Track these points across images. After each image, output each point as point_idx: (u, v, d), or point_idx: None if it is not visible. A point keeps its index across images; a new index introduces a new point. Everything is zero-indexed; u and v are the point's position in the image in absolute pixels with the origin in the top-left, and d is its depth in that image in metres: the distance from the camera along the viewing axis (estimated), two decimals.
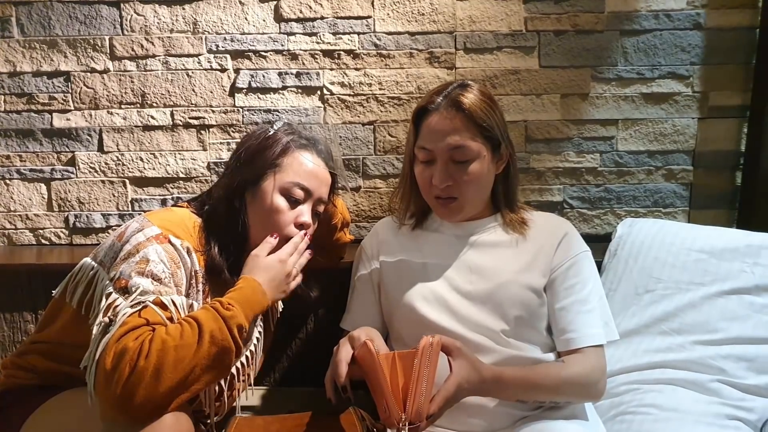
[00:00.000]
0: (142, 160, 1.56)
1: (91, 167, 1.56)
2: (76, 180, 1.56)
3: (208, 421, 1.12)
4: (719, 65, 1.54)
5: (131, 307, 0.88)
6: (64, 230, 1.58)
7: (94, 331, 0.89)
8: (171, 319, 0.90)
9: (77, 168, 1.56)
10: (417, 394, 0.86)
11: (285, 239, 1.06)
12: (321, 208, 1.13)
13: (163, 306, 0.90)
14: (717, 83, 1.54)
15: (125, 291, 0.90)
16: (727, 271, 1.30)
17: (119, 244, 0.97)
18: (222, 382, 1.08)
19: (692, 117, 1.56)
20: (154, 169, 1.56)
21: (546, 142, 1.57)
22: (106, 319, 0.88)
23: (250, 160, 1.07)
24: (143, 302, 0.88)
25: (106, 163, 1.56)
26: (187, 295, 0.97)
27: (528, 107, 1.55)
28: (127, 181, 1.57)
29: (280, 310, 1.30)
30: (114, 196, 1.57)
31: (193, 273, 0.99)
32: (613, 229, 1.49)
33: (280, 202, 1.05)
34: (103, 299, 0.90)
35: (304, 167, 1.07)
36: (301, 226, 1.07)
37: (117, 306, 0.88)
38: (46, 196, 1.57)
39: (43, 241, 1.58)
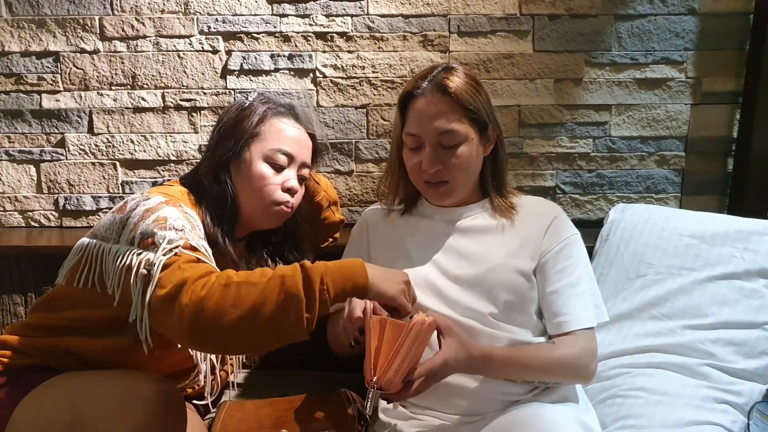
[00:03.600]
0: (132, 142, 1.55)
1: (81, 149, 1.54)
2: (65, 162, 1.55)
3: (200, 402, 1.12)
4: (713, 51, 1.53)
5: (164, 255, 0.87)
6: (53, 212, 1.57)
7: (134, 288, 0.87)
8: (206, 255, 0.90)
9: (67, 150, 1.54)
10: (390, 364, 0.88)
11: (276, 204, 1.07)
12: (305, 172, 1.14)
13: (192, 248, 0.90)
14: (710, 69, 1.54)
15: (153, 246, 0.89)
16: (717, 256, 1.31)
17: (123, 216, 0.96)
18: (213, 357, 1.08)
19: (685, 103, 1.56)
20: (144, 151, 1.55)
21: (539, 127, 1.56)
22: (144, 271, 0.87)
23: (230, 133, 1.08)
24: (176, 247, 0.88)
25: (96, 145, 1.54)
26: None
27: (521, 92, 1.55)
28: (117, 163, 1.55)
29: None
30: (104, 178, 1.55)
31: (206, 240, 0.99)
32: (605, 215, 1.50)
33: (264, 169, 1.06)
34: (133, 258, 0.89)
35: (284, 133, 1.08)
36: (288, 190, 1.08)
37: (149, 259, 0.88)
38: (35, 178, 1.55)
39: (33, 223, 1.57)
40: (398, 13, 1.51)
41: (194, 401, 1.13)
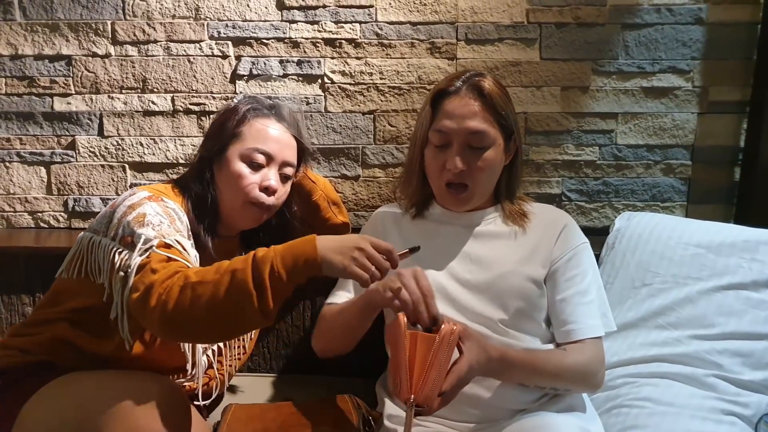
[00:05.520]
0: (142, 145, 1.56)
1: (91, 151, 1.56)
2: (75, 164, 1.56)
3: (199, 403, 1.12)
4: (720, 60, 1.53)
5: (140, 255, 0.92)
6: (63, 214, 1.58)
7: (115, 288, 0.94)
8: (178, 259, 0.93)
9: (77, 152, 1.56)
10: (428, 380, 0.86)
11: (253, 203, 1.09)
12: (289, 171, 1.15)
13: (167, 246, 0.93)
14: (717, 78, 1.54)
15: (131, 245, 0.94)
16: (724, 266, 1.30)
17: (112, 210, 1.01)
18: (209, 353, 1.10)
19: (692, 112, 1.56)
20: (153, 154, 1.56)
21: (545, 135, 1.57)
22: (122, 273, 0.93)
23: (214, 134, 1.13)
24: (149, 248, 0.92)
25: (106, 148, 1.56)
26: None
27: (528, 99, 1.55)
28: (126, 165, 1.57)
29: None
30: (113, 180, 1.57)
31: (188, 233, 1.03)
32: (611, 223, 1.49)
33: (241, 167, 1.09)
34: (115, 256, 0.95)
35: (263, 133, 1.11)
36: (266, 189, 1.10)
37: (127, 259, 0.93)
38: (45, 180, 1.57)
39: (42, 224, 1.58)
40: (406, 20, 1.52)
41: (195, 402, 1.14)
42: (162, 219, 0.97)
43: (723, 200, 1.59)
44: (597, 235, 1.45)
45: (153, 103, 1.54)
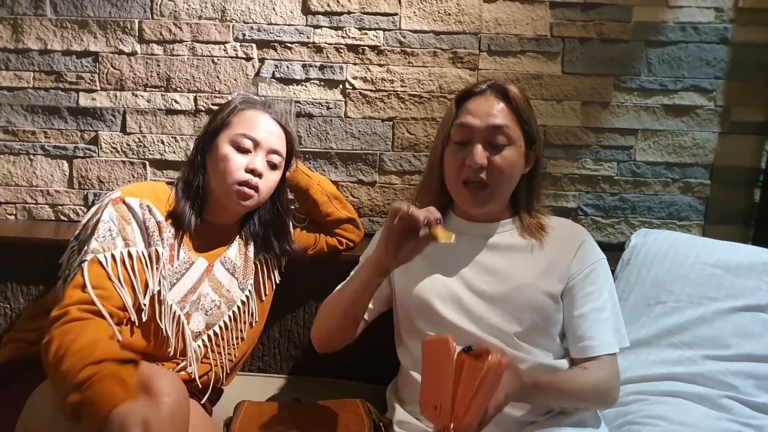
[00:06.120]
0: (163, 143, 1.58)
1: (113, 147, 1.58)
2: (97, 159, 1.58)
3: (202, 400, 1.14)
4: (744, 81, 1.53)
5: (78, 265, 1.01)
6: (82, 207, 1.60)
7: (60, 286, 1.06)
8: (109, 276, 1.01)
9: (99, 147, 1.58)
10: (470, 411, 0.83)
11: (238, 183, 1.13)
12: (275, 159, 1.18)
13: (99, 263, 1.00)
14: (740, 99, 1.54)
15: (81, 252, 1.03)
16: (742, 287, 1.29)
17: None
18: (201, 343, 1.14)
19: (713, 131, 1.55)
20: (174, 152, 1.58)
21: (564, 148, 1.57)
22: (60, 281, 1.08)
23: (207, 125, 1.20)
24: (84, 260, 1.00)
25: (127, 144, 1.58)
26: (149, 244, 1.07)
27: (548, 112, 1.55)
28: (147, 162, 1.59)
29: (277, 281, 1.32)
30: (134, 176, 1.59)
31: (155, 224, 1.09)
32: (626, 239, 1.49)
33: (228, 150, 1.14)
34: (69, 256, 1.08)
35: (250, 121, 1.17)
36: (252, 171, 1.14)
37: (69, 266, 1.06)
38: (67, 173, 1.59)
39: (62, 217, 1.61)
40: (430, 29, 1.53)
41: (197, 396, 1.15)
42: (112, 226, 1.04)
43: (741, 221, 1.58)
44: (612, 251, 1.43)
45: (176, 101, 1.56)
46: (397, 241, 0.98)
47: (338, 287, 1.18)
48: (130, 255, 1.03)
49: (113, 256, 1.02)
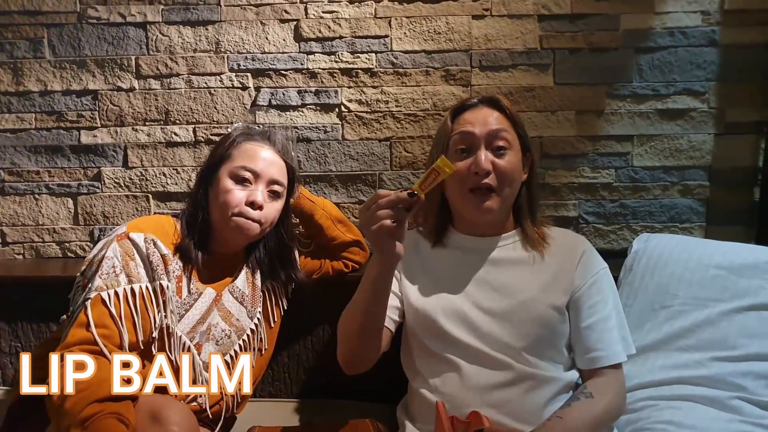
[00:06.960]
0: (165, 175, 1.60)
1: (115, 182, 1.61)
2: (101, 194, 1.61)
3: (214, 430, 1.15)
4: (735, 82, 1.54)
5: (82, 303, 1.02)
6: (89, 243, 1.62)
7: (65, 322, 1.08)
8: (111, 314, 1.02)
9: (102, 183, 1.61)
10: None
11: (238, 216, 1.15)
12: (277, 189, 1.20)
13: (102, 302, 1.02)
14: (733, 99, 1.55)
15: (85, 289, 1.05)
16: (745, 287, 1.29)
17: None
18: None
19: (708, 133, 1.56)
20: (176, 184, 1.60)
21: (561, 158, 1.58)
22: (64, 316, 1.10)
23: (209, 158, 1.23)
24: (88, 298, 1.02)
25: (130, 178, 1.60)
26: (153, 278, 1.09)
27: (543, 123, 1.57)
28: (150, 195, 1.61)
29: (285, 308, 1.33)
30: (137, 210, 1.61)
31: (160, 258, 1.11)
32: (629, 245, 1.49)
33: (228, 183, 1.16)
34: (75, 292, 1.10)
35: (250, 152, 1.19)
36: (251, 204, 1.15)
37: (75, 302, 1.07)
38: (72, 210, 1.62)
39: (69, 254, 1.63)
40: (421, 49, 1.55)
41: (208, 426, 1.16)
42: (116, 262, 1.06)
43: (743, 221, 1.58)
44: (615, 258, 1.45)
45: (175, 134, 1.59)
46: (387, 235, 0.96)
47: (348, 304, 1.17)
48: (133, 292, 1.05)
49: (116, 293, 1.03)
